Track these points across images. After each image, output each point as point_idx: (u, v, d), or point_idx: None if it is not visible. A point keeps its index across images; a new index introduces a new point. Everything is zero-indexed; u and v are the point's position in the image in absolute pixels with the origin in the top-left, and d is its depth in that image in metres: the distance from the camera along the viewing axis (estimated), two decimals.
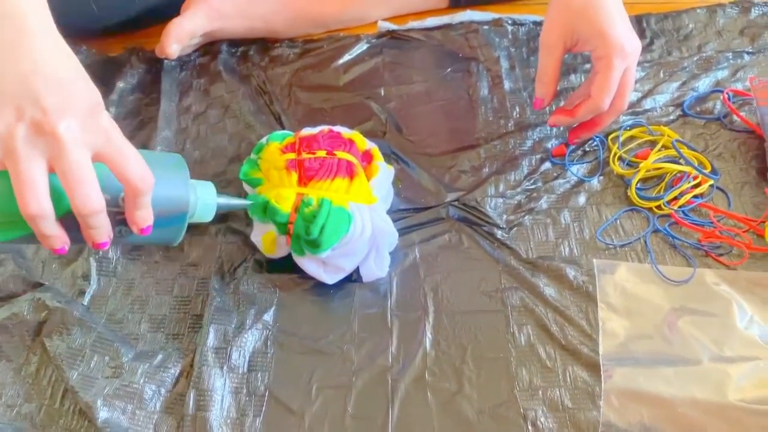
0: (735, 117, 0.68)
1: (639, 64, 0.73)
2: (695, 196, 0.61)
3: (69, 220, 0.43)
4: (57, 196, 0.42)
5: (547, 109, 0.69)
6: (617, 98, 0.60)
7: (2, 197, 0.42)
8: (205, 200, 0.50)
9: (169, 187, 0.47)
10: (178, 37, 0.74)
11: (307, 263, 0.56)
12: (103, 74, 0.78)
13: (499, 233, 0.61)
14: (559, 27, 0.62)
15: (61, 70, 0.42)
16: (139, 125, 0.72)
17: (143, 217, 0.45)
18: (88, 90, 0.43)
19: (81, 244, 0.45)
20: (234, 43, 0.79)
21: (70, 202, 0.41)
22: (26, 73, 0.40)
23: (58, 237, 0.43)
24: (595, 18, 0.59)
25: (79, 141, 0.41)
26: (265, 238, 0.57)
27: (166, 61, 0.76)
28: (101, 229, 0.44)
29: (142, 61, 0.78)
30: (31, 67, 0.40)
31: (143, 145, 0.69)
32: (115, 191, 0.44)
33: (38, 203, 0.40)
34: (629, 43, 0.59)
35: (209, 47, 0.78)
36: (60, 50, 0.43)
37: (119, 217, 0.45)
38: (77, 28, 0.77)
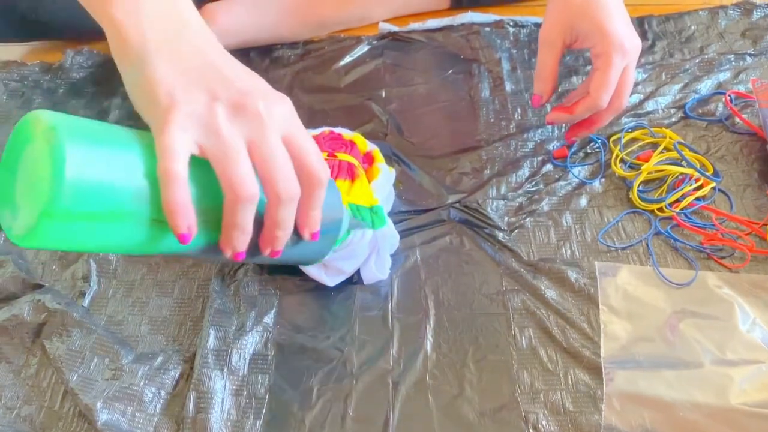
0: (737, 119, 0.68)
1: (641, 66, 0.73)
2: (697, 199, 0.61)
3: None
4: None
5: (549, 107, 0.69)
6: (616, 97, 0.60)
7: (205, 190, 0.39)
8: (346, 218, 0.49)
9: (329, 198, 0.45)
10: None
11: (308, 266, 0.56)
12: (106, 76, 0.78)
13: (500, 235, 0.60)
14: (558, 24, 0.61)
15: (232, 59, 0.42)
16: (142, 128, 0.72)
17: (316, 219, 0.42)
18: (258, 77, 0.43)
19: (258, 255, 0.43)
20: None
21: (269, 190, 0.39)
22: (213, 63, 0.40)
23: (248, 234, 0.40)
24: (594, 15, 0.59)
25: (276, 123, 0.39)
26: None
27: None
28: (289, 228, 0.41)
29: None
30: (218, 59, 0.41)
31: None
32: None
33: (247, 184, 0.38)
34: (629, 40, 0.59)
35: None
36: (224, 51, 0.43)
37: None
38: (78, 30, 0.78)
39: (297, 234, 0.43)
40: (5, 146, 0.38)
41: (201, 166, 0.38)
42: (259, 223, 0.41)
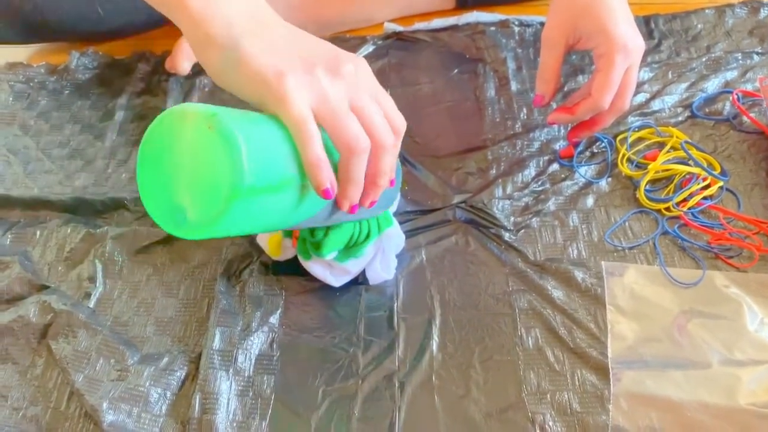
0: (744, 118, 0.67)
1: (647, 65, 0.73)
2: (704, 198, 0.61)
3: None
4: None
5: (554, 106, 0.69)
6: (618, 97, 0.59)
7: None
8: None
9: None
10: (190, 55, 0.74)
11: (314, 266, 0.56)
12: (111, 77, 0.78)
13: (506, 235, 0.60)
14: (561, 23, 0.61)
15: (314, 37, 0.46)
16: (146, 128, 0.72)
17: (393, 166, 0.46)
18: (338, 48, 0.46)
19: (337, 214, 0.46)
20: None
21: (373, 142, 0.43)
22: (295, 36, 0.45)
23: (361, 187, 0.44)
24: (597, 15, 0.59)
25: (364, 81, 0.44)
26: (270, 240, 0.57)
27: None
28: (390, 172, 0.45)
29: (148, 64, 0.78)
30: (297, 33, 0.45)
31: None
32: None
33: (358, 136, 0.42)
34: (632, 41, 0.58)
35: None
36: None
37: None
38: (83, 32, 0.78)
39: None
40: (140, 149, 0.40)
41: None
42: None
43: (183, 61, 0.73)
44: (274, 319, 0.56)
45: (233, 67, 0.43)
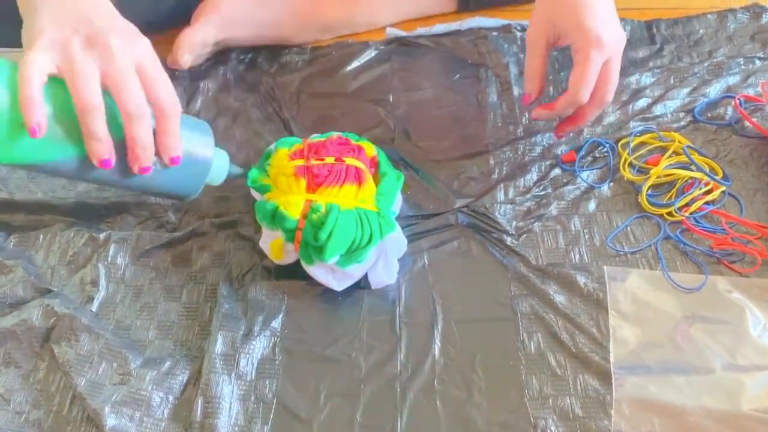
0: (747, 123, 0.67)
1: (649, 69, 0.73)
2: (707, 203, 0.61)
3: (119, 155, 0.49)
4: (111, 119, 0.48)
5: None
6: (598, 90, 0.60)
7: (62, 105, 0.47)
8: (221, 165, 0.57)
9: (196, 132, 0.55)
10: (190, 47, 0.74)
11: (316, 271, 0.56)
12: None
13: (508, 240, 0.60)
14: (541, 23, 0.63)
15: (110, 11, 0.52)
16: None
17: (172, 145, 0.51)
18: (129, 24, 0.52)
19: (125, 176, 0.51)
20: (243, 50, 0.79)
21: (121, 108, 0.48)
22: (85, 9, 0.50)
23: (104, 142, 0.48)
24: (573, 11, 0.60)
25: (124, 52, 0.48)
26: (273, 244, 0.57)
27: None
28: (146, 144, 0.49)
29: None
30: (93, 8, 0.50)
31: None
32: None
33: (90, 93, 0.47)
34: (607, 34, 0.59)
35: (219, 55, 0.79)
36: (110, 6, 0.53)
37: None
38: None
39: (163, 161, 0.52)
40: None
41: (64, 87, 0.48)
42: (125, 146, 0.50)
43: (183, 54, 0.74)
44: (276, 324, 0.56)
45: (25, 27, 0.50)
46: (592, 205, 0.62)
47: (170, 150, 0.51)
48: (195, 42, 0.74)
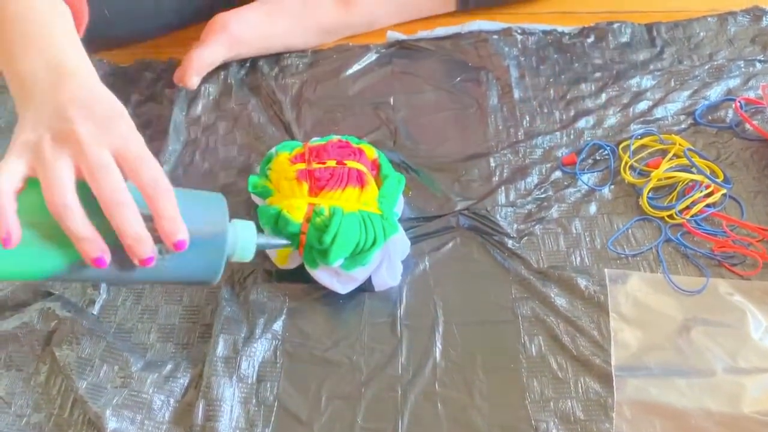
0: (747, 125, 0.67)
1: (649, 72, 0.73)
2: (708, 206, 0.61)
3: (116, 249, 0.44)
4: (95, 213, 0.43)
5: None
6: None
7: (40, 209, 0.43)
8: (245, 238, 0.50)
9: (201, 208, 0.48)
10: (199, 69, 0.73)
11: (321, 274, 0.56)
12: (115, 85, 0.78)
13: (509, 242, 0.60)
14: None
15: (89, 88, 0.47)
16: (150, 137, 0.72)
17: (171, 229, 0.44)
18: (110, 102, 0.47)
19: (129, 269, 0.45)
20: None
21: (99, 201, 0.43)
22: (63, 98, 0.46)
23: (91, 240, 0.43)
24: None
25: (98, 140, 0.44)
26: (280, 251, 0.57)
27: None
28: (135, 234, 0.43)
29: (153, 72, 0.79)
30: (69, 93, 0.46)
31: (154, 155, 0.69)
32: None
33: (61, 194, 0.42)
34: None
35: None
36: (90, 79, 0.49)
37: (155, 234, 0.44)
38: (87, 40, 0.78)
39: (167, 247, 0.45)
40: None
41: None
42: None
43: (192, 75, 0.73)
44: (277, 327, 0.56)
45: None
46: (593, 208, 0.62)
47: (171, 234, 0.44)
48: (204, 63, 0.74)
